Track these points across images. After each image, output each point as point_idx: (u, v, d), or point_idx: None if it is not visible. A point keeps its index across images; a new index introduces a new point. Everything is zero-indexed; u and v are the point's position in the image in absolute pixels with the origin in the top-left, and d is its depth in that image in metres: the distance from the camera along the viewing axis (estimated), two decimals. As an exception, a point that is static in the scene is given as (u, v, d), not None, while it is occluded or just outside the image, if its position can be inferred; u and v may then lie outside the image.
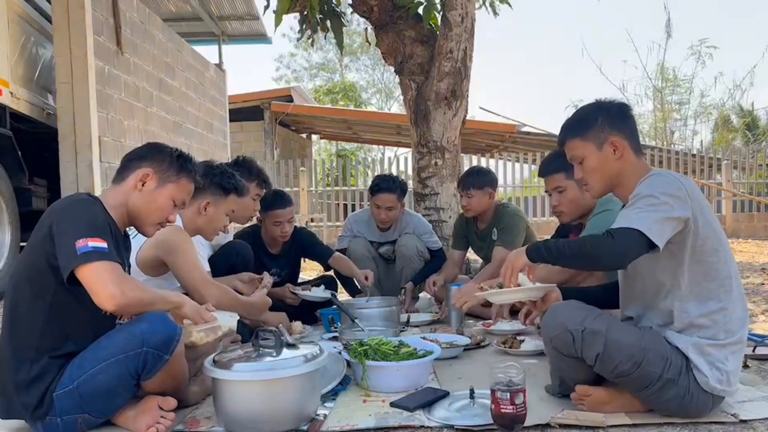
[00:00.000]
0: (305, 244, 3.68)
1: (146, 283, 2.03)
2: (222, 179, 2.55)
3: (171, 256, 2.31)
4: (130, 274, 1.97)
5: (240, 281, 2.73)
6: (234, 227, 3.57)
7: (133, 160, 1.94)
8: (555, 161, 2.58)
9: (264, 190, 3.28)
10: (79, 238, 1.64)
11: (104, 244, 1.66)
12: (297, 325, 3.10)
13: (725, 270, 1.74)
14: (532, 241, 3.57)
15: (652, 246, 1.62)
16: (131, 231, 2.03)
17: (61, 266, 1.65)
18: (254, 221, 3.55)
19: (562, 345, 1.77)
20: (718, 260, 1.72)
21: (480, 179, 3.58)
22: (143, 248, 2.33)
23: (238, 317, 2.11)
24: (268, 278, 2.74)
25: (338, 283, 3.90)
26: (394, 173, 11.30)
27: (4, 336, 1.75)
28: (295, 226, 3.58)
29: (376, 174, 11.80)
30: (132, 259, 2.25)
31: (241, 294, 2.60)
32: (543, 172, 2.67)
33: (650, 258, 1.69)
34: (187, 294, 2.14)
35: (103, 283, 1.63)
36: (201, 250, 2.64)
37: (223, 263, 2.87)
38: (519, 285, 1.86)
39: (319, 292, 3.39)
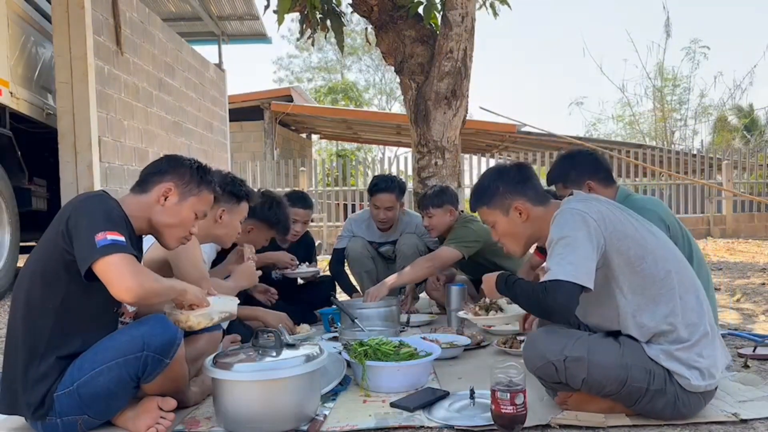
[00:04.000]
0: (308, 248, 3.76)
1: None
2: (233, 187, 2.59)
3: (175, 255, 2.33)
4: None
5: (229, 265, 2.75)
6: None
7: (153, 173, 1.94)
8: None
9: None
10: (98, 231, 1.65)
11: (122, 238, 1.67)
12: (304, 327, 3.10)
13: (660, 269, 1.76)
14: (498, 248, 3.51)
15: (584, 288, 1.69)
16: None
17: (79, 260, 1.65)
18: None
19: (546, 376, 1.80)
20: (649, 264, 1.76)
21: (438, 198, 3.53)
22: (152, 248, 2.34)
23: (238, 301, 2.11)
24: (248, 249, 2.74)
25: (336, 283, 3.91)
26: (394, 173, 11.35)
27: (19, 331, 1.75)
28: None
29: (376, 174, 11.88)
30: None
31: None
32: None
33: (589, 294, 1.73)
34: None
35: (122, 276, 1.63)
36: (204, 256, 2.67)
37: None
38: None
39: (305, 268, 3.49)
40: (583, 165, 2.55)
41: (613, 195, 2.50)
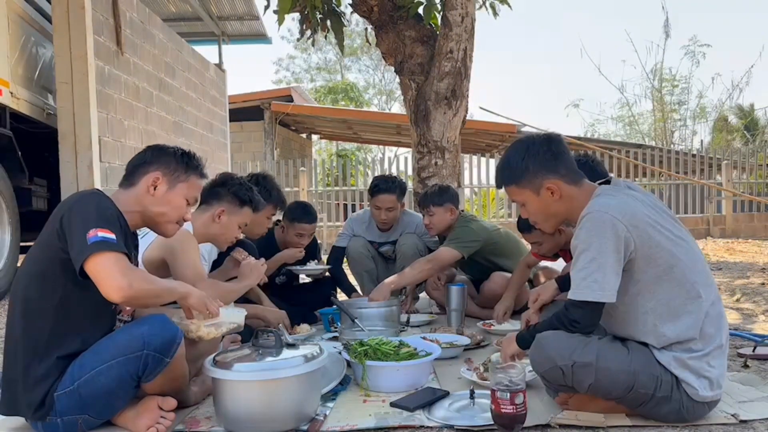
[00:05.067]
0: (312, 247, 3.75)
1: None
2: (239, 190, 2.57)
3: (171, 255, 2.33)
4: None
5: (226, 270, 2.75)
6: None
7: (139, 165, 1.94)
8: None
9: (280, 211, 3.33)
10: (89, 228, 1.65)
11: (112, 235, 1.67)
12: (304, 327, 3.10)
13: (687, 280, 1.72)
14: (497, 248, 3.53)
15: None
16: (140, 231, 2.04)
17: (73, 259, 1.66)
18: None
19: (553, 379, 1.79)
20: (676, 274, 1.72)
21: (440, 196, 3.53)
22: (150, 248, 2.34)
23: (246, 312, 2.11)
24: (239, 254, 2.72)
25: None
26: (394, 173, 11.35)
27: (18, 332, 1.75)
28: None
29: (376, 174, 11.88)
30: (139, 259, 2.25)
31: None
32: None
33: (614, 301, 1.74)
34: None
35: (110, 275, 1.63)
36: (205, 253, 2.66)
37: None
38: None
39: (313, 265, 3.53)
40: None
41: None
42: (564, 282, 1.99)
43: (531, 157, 1.84)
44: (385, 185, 3.78)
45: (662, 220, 1.77)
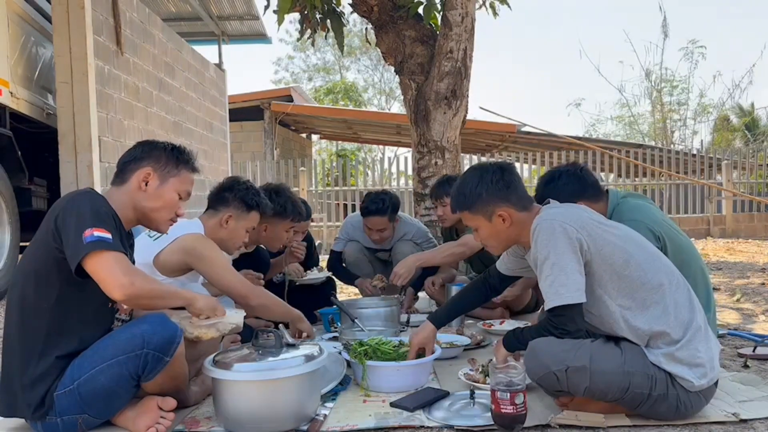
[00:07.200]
0: (309, 247, 3.73)
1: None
2: (246, 195, 2.55)
3: (203, 265, 2.31)
4: None
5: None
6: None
7: (130, 162, 1.93)
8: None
9: (298, 222, 3.25)
10: (85, 228, 1.65)
11: (108, 235, 1.67)
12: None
13: (646, 272, 1.78)
14: None
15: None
16: (152, 234, 2.03)
17: (68, 258, 1.66)
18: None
19: (549, 385, 1.80)
20: (633, 268, 1.78)
21: (451, 186, 3.51)
22: (165, 252, 2.29)
23: (245, 313, 2.11)
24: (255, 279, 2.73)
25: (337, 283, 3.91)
26: (394, 173, 11.36)
27: (15, 332, 1.75)
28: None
29: (376, 174, 11.89)
30: (149, 260, 2.24)
31: None
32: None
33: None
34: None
35: (112, 273, 1.64)
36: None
37: (248, 267, 2.94)
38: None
39: (315, 274, 3.49)
40: (568, 187, 2.44)
41: (604, 207, 2.46)
42: (508, 341, 1.97)
43: (484, 186, 1.94)
44: (375, 207, 3.66)
45: (609, 223, 1.89)
